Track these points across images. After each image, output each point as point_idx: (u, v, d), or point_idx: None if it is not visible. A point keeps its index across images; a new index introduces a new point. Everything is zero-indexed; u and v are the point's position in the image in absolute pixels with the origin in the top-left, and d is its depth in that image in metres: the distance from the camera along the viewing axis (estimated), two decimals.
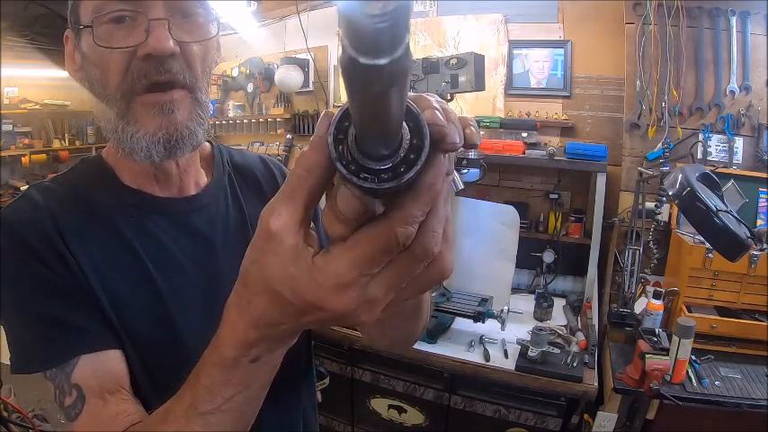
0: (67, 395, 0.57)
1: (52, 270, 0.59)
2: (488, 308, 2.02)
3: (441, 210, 0.31)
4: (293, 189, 0.32)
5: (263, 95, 3.27)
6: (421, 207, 0.29)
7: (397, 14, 0.20)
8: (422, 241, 0.30)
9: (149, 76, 0.59)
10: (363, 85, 0.23)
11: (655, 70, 2.17)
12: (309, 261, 0.31)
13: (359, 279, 0.31)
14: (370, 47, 0.21)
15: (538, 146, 2.38)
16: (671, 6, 2.11)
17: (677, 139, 2.16)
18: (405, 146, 0.28)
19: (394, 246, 0.29)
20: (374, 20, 0.19)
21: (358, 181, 0.28)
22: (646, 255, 1.97)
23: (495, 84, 2.55)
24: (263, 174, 0.83)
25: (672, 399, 1.59)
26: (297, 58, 2.95)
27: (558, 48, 2.47)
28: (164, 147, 0.61)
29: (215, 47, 0.67)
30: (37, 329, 0.59)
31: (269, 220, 0.32)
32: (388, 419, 2.21)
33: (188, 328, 0.65)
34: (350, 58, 0.22)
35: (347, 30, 0.21)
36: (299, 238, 0.32)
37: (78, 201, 0.65)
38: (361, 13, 0.19)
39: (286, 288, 0.32)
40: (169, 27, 0.58)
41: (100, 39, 0.58)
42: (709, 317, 1.80)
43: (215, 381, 0.39)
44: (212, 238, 0.72)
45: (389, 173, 0.28)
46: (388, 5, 0.19)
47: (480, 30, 2.59)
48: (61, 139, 4.89)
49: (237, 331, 0.37)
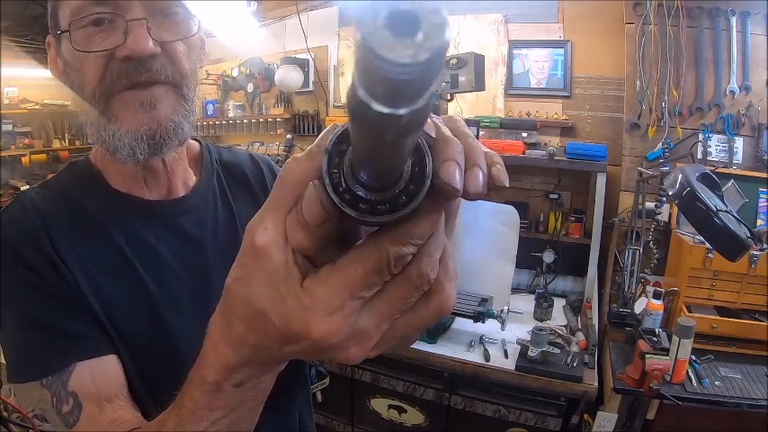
0: (65, 403, 0.57)
1: (45, 279, 0.59)
2: (488, 308, 2.01)
3: (440, 234, 0.29)
4: (279, 199, 0.29)
5: (263, 95, 3.27)
6: (419, 229, 0.27)
7: (431, 65, 0.16)
8: (417, 264, 0.28)
9: (129, 76, 0.58)
10: (372, 132, 0.20)
11: (655, 70, 2.17)
12: (299, 281, 0.29)
13: (348, 302, 0.28)
14: (389, 96, 0.18)
15: (538, 146, 2.38)
16: (671, 6, 2.11)
17: (677, 139, 2.16)
18: (405, 176, 0.25)
19: (385, 265, 0.27)
20: (402, 69, 0.16)
21: (350, 211, 0.25)
22: (646, 255, 1.97)
23: (495, 84, 2.55)
24: (252, 171, 0.82)
25: (672, 399, 1.59)
26: (297, 58, 2.95)
27: (558, 48, 2.47)
28: (147, 143, 0.60)
29: (199, 44, 0.66)
30: (32, 338, 0.59)
31: (254, 234, 0.29)
32: (388, 419, 2.21)
33: (180, 330, 0.65)
34: (361, 101, 0.18)
35: (363, 72, 0.18)
36: (287, 255, 0.29)
37: (68, 207, 0.65)
38: (385, 60, 0.16)
39: (272, 309, 0.29)
40: (148, 27, 0.57)
41: (78, 43, 0.58)
42: (709, 317, 1.80)
43: (198, 405, 0.37)
44: (202, 239, 0.71)
45: (384, 204, 0.25)
46: (421, 54, 0.16)
47: (480, 30, 2.59)
48: (61, 139, 4.89)
49: (219, 354, 0.34)
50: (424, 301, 0.30)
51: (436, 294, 0.30)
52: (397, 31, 0.16)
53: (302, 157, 0.29)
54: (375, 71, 0.17)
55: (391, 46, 0.16)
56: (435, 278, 0.29)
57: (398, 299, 0.29)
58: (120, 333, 0.62)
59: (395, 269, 0.28)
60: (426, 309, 0.31)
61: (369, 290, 0.28)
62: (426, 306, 0.31)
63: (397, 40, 0.16)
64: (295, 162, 0.29)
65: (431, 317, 0.31)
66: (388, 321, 0.30)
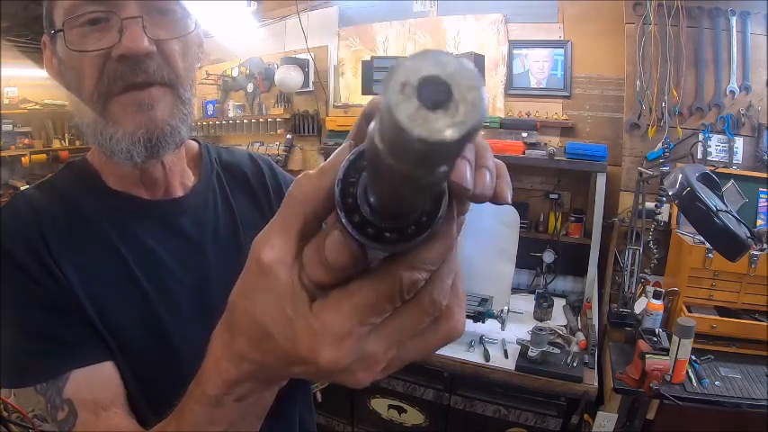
0: (59, 410, 0.56)
1: (39, 283, 0.58)
2: (488, 308, 2.02)
3: (453, 259, 0.28)
4: (287, 216, 0.28)
5: (263, 95, 3.27)
6: (433, 255, 0.26)
7: (463, 142, 0.15)
8: (429, 290, 0.27)
9: (125, 77, 0.57)
10: (393, 184, 0.19)
11: (655, 70, 2.17)
12: (307, 304, 0.28)
13: (357, 329, 0.27)
14: (415, 163, 0.16)
15: (538, 146, 2.38)
16: (671, 6, 2.11)
17: (677, 139, 2.16)
18: (423, 207, 0.24)
19: (397, 292, 0.26)
20: (429, 147, 0.15)
21: (362, 238, 0.24)
22: (646, 255, 1.97)
23: (495, 84, 2.55)
24: (252, 171, 0.81)
25: (672, 399, 1.59)
26: (297, 58, 2.95)
27: (558, 48, 2.47)
28: (144, 146, 0.59)
29: (196, 43, 0.65)
30: (27, 344, 0.58)
31: (261, 251, 0.28)
32: (388, 419, 2.21)
33: (179, 332, 0.64)
34: (381, 158, 0.17)
35: (387, 136, 0.16)
36: (294, 275, 0.28)
37: (64, 208, 0.64)
38: (412, 137, 0.14)
39: (279, 330, 0.28)
40: (144, 25, 0.56)
41: (72, 43, 0.57)
42: (709, 317, 1.80)
43: (199, 419, 0.36)
44: (201, 240, 0.70)
45: (396, 233, 0.24)
46: (453, 132, 0.14)
47: (480, 30, 2.59)
48: (61, 139, 4.88)
49: (220, 368, 0.33)
50: (433, 327, 0.30)
51: (446, 320, 0.30)
52: (427, 103, 0.14)
53: (314, 174, 0.28)
54: (400, 141, 0.15)
55: (421, 120, 0.14)
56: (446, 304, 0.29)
57: (408, 325, 0.28)
58: (117, 337, 0.60)
59: (407, 295, 0.27)
60: (435, 334, 0.30)
61: (379, 316, 0.27)
62: (435, 332, 0.30)
63: (428, 112, 0.14)
64: (306, 179, 0.28)
65: (439, 342, 0.31)
66: (396, 346, 0.29)
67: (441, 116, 0.14)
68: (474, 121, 0.15)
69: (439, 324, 0.30)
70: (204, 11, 0.73)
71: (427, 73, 0.15)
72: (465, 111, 0.15)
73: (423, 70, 0.15)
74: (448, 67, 0.15)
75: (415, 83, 0.15)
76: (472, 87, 0.15)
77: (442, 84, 0.15)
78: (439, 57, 0.15)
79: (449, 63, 0.15)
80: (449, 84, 0.15)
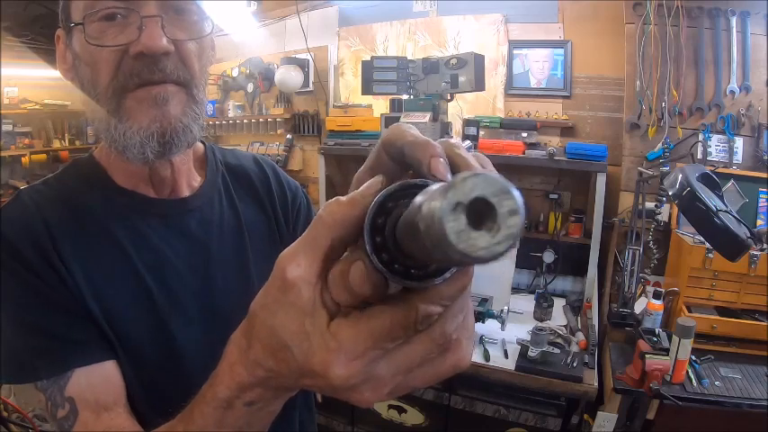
0: (60, 408, 0.56)
1: (44, 280, 0.58)
2: (488, 308, 2.02)
3: (466, 296, 0.30)
4: (315, 238, 0.30)
5: (263, 95, 3.27)
6: (450, 292, 0.28)
7: (501, 255, 0.16)
8: (442, 323, 0.29)
9: (142, 75, 0.57)
10: (425, 251, 0.20)
11: (655, 70, 2.17)
12: (325, 321, 0.29)
13: (370, 351, 0.29)
14: (450, 259, 0.18)
15: (538, 146, 2.38)
16: (671, 6, 2.11)
17: (677, 139, 2.16)
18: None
19: (412, 323, 0.28)
20: (471, 260, 0.16)
21: (386, 273, 0.26)
22: (646, 255, 1.97)
23: (495, 84, 2.55)
24: (256, 174, 0.82)
25: (672, 399, 1.59)
26: (297, 58, 2.95)
27: (558, 48, 2.47)
28: (157, 142, 0.59)
29: (210, 45, 0.65)
30: (29, 341, 0.58)
31: (286, 267, 0.30)
32: (388, 419, 2.21)
33: (182, 331, 0.64)
34: (420, 237, 0.18)
35: (434, 237, 0.17)
36: (316, 294, 0.30)
37: (71, 204, 0.63)
38: (457, 250, 0.16)
39: (295, 343, 0.30)
40: (162, 25, 0.57)
41: (91, 37, 0.57)
42: (709, 317, 1.80)
43: (208, 421, 0.37)
44: (207, 240, 0.70)
45: (418, 270, 0.26)
46: (494, 249, 0.16)
47: (480, 30, 2.59)
48: (61, 139, 4.88)
49: (234, 372, 0.35)
50: (441, 357, 0.31)
51: (454, 352, 0.31)
52: (473, 220, 0.16)
53: (345, 202, 0.29)
54: (443, 245, 0.16)
55: (465, 236, 0.16)
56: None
57: (418, 354, 0.30)
58: (121, 337, 0.61)
59: (421, 327, 0.28)
60: (443, 364, 0.31)
61: (392, 342, 0.29)
62: (443, 361, 0.31)
63: (472, 231, 0.16)
64: (337, 205, 0.29)
65: (447, 372, 0.32)
66: (404, 372, 0.30)
67: (483, 235, 0.16)
68: (509, 244, 0.17)
69: (447, 355, 0.31)
70: (204, 11, 0.73)
71: (478, 194, 0.17)
72: (504, 234, 0.16)
73: (475, 191, 0.17)
74: (496, 188, 0.17)
75: (467, 202, 0.16)
76: (514, 212, 0.17)
77: (489, 206, 0.17)
78: (488, 179, 0.17)
79: (497, 184, 0.17)
80: (495, 207, 0.17)
